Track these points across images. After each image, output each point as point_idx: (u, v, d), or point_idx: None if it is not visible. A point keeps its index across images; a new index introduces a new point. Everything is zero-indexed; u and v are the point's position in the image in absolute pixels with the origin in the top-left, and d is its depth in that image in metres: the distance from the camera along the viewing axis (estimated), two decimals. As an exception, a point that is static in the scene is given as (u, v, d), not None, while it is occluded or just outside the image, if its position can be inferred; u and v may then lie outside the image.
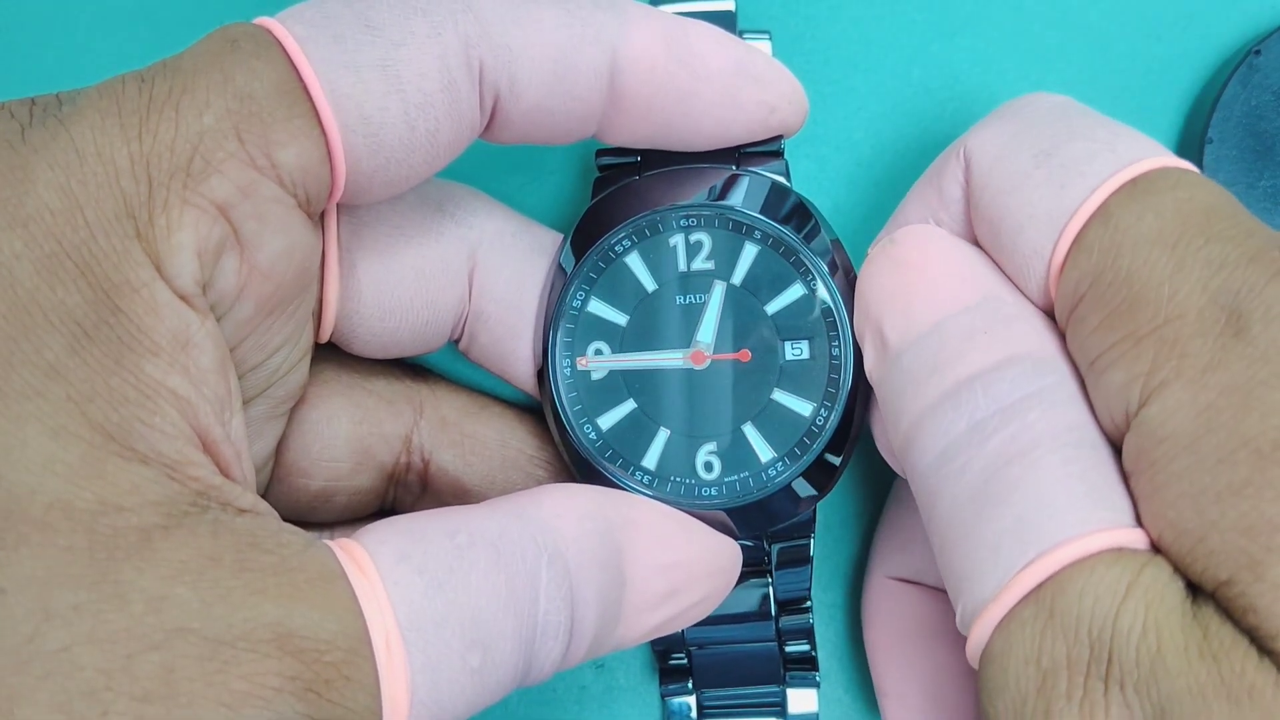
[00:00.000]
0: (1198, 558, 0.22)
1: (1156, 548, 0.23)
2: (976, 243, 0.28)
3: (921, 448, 0.25)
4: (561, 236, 0.31)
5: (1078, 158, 0.25)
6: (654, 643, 0.32)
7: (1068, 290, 0.25)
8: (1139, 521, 0.23)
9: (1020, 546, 0.23)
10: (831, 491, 0.30)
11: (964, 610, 0.24)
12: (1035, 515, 0.23)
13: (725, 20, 0.30)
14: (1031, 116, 0.27)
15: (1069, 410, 0.24)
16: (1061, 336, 0.26)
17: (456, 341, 0.31)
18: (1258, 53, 0.33)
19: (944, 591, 0.29)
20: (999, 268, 0.27)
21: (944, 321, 0.26)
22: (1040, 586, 0.23)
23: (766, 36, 0.31)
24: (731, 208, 0.30)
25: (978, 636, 0.24)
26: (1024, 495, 0.23)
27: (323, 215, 0.28)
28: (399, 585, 0.23)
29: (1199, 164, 0.33)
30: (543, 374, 0.30)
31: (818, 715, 0.33)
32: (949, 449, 0.25)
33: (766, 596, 0.31)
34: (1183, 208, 0.24)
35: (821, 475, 0.29)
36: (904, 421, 0.26)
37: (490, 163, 0.34)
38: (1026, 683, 0.22)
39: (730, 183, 0.30)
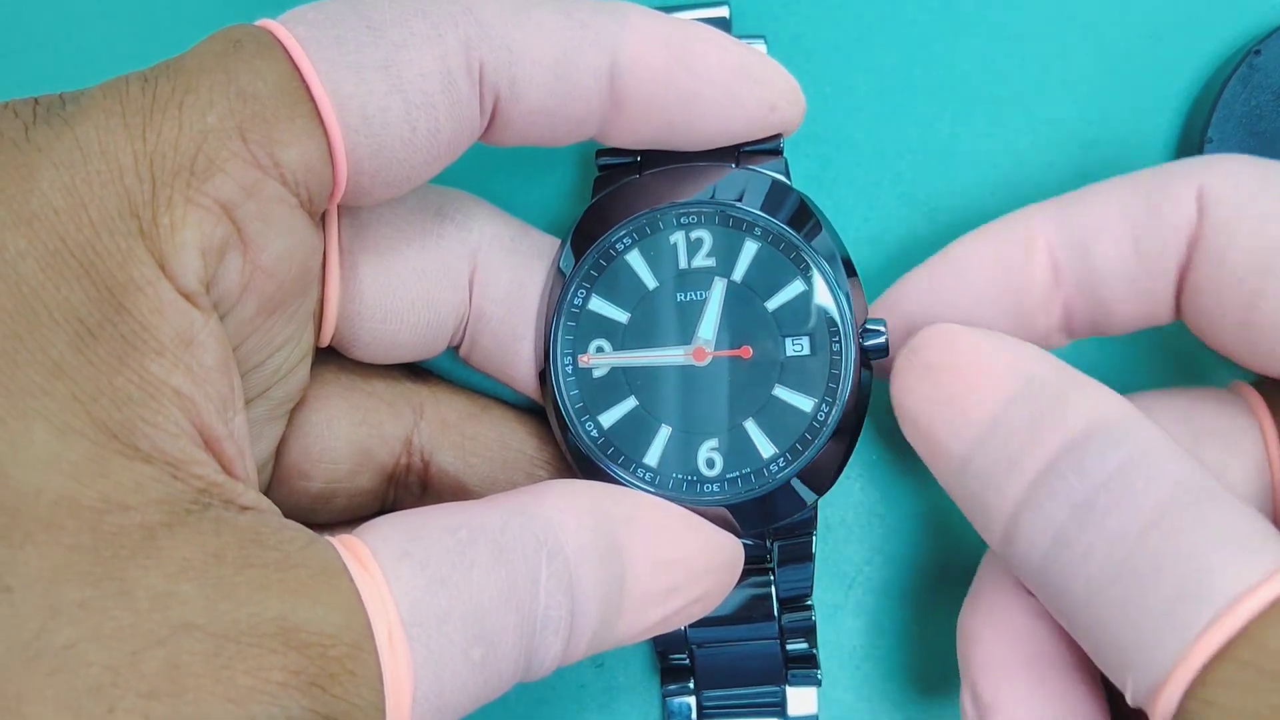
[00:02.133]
0: None
1: None
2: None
3: (1027, 543, 0.25)
4: (560, 242, 0.31)
5: None
6: (655, 642, 0.32)
7: None
8: None
9: (1194, 609, 0.23)
10: (832, 489, 0.29)
11: (1137, 683, 0.23)
12: (1199, 576, 0.23)
13: (720, 27, 0.30)
14: None
15: (1172, 466, 0.24)
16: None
17: (456, 348, 0.31)
18: (1258, 53, 0.33)
19: None
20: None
21: (998, 417, 0.25)
22: (1230, 645, 0.22)
23: (762, 41, 0.31)
24: (732, 204, 0.30)
25: (1165, 704, 0.23)
26: (1176, 561, 0.23)
27: (324, 216, 0.28)
28: (401, 580, 0.23)
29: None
30: (544, 372, 0.30)
31: (817, 717, 0.33)
32: (1060, 537, 0.24)
33: (768, 595, 0.31)
34: None
35: (823, 471, 0.29)
36: (996, 524, 0.25)
37: (490, 165, 0.34)
38: None
39: (730, 180, 0.30)
